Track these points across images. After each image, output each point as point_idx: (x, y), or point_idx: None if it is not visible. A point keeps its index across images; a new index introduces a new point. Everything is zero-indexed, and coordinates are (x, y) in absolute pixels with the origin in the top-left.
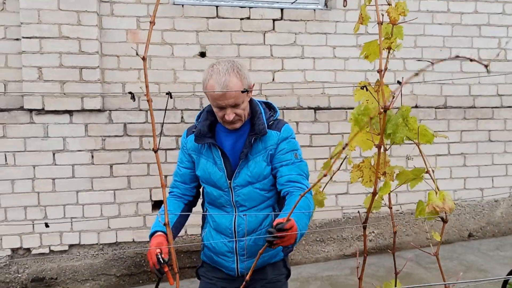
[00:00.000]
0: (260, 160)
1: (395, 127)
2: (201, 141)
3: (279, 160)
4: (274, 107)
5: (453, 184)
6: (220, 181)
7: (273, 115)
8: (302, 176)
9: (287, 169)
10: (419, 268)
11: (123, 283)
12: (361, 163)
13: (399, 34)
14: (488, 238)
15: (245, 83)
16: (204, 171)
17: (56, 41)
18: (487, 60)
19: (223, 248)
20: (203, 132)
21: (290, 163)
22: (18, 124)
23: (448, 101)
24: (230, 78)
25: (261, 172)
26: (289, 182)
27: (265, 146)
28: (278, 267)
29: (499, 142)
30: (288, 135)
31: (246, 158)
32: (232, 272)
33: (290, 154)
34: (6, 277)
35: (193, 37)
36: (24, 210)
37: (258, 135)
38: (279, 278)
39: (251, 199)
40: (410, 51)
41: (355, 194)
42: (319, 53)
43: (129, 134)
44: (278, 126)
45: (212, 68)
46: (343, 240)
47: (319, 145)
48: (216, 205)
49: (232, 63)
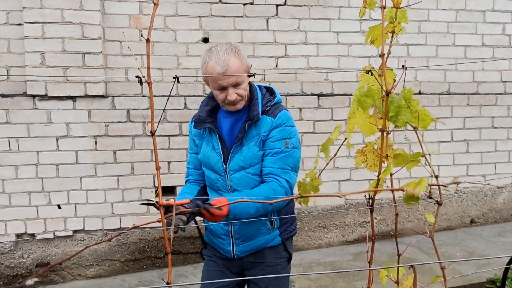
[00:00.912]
0: (253, 146)
1: (397, 109)
2: (200, 127)
3: (268, 147)
4: (274, 92)
5: (456, 171)
6: (217, 165)
7: (271, 100)
8: (285, 169)
9: (271, 161)
10: (421, 254)
11: (127, 268)
12: (364, 147)
13: (403, 18)
14: (490, 224)
15: (244, 63)
16: (204, 155)
17: (58, 26)
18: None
19: (220, 230)
20: (202, 118)
21: (278, 153)
22: (21, 110)
23: (452, 87)
24: (230, 57)
25: (254, 158)
26: (269, 174)
27: (258, 132)
28: (278, 251)
29: (503, 129)
30: (282, 123)
31: (240, 143)
32: (228, 254)
33: (280, 143)
34: (11, 262)
35: (196, 23)
36: (28, 195)
37: (252, 120)
38: (279, 261)
39: (244, 183)
40: (414, 36)
41: (358, 180)
42: (323, 39)
43: (132, 120)
44: (275, 112)
45: (210, 51)
46: (346, 226)
47: (322, 132)
48: (214, 188)
49: (230, 45)
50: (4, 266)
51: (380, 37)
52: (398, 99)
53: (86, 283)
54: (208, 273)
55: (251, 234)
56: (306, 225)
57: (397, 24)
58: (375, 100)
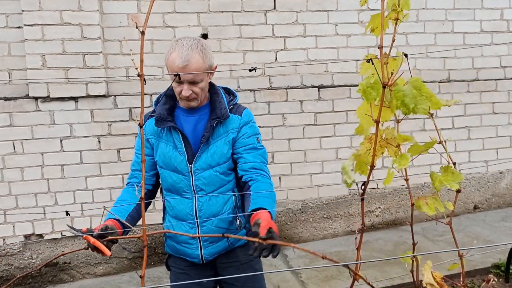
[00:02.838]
0: (221, 144)
1: (414, 100)
2: (161, 125)
3: (242, 144)
4: (233, 92)
5: (458, 157)
6: (181, 165)
7: (233, 100)
8: (265, 163)
9: (252, 156)
10: (426, 241)
11: (135, 265)
12: (372, 134)
13: (405, 5)
14: (493, 210)
15: (206, 62)
16: (164, 155)
17: (58, 28)
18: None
19: (185, 236)
20: (163, 116)
21: (254, 148)
22: (24, 112)
23: (452, 74)
24: (193, 53)
25: (222, 156)
26: (253, 169)
27: (226, 130)
28: (249, 248)
29: (503, 114)
30: (250, 120)
31: (207, 142)
32: (196, 260)
33: (252, 138)
34: (21, 262)
35: (194, 19)
36: (35, 197)
37: (220, 119)
38: (250, 258)
39: (211, 183)
40: (412, 25)
41: None
42: (321, 31)
43: (134, 118)
44: (239, 110)
45: (176, 42)
46: (350, 216)
47: (323, 123)
48: (175, 191)
49: (197, 41)
50: (14, 267)
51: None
52: (410, 90)
53: (95, 281)
54: (182, 284)
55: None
56: (311, 216)
57: (400, 11)
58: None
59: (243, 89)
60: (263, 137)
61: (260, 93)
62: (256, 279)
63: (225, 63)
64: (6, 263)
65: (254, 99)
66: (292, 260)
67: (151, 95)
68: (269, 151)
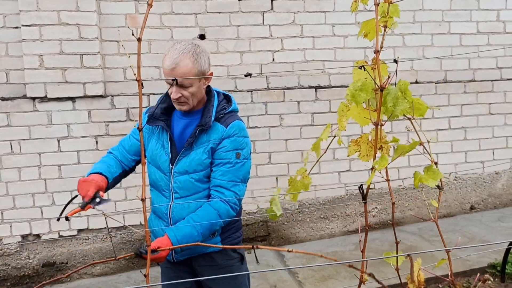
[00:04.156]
0: (201, 152)
1: (395, 100)
2: (152, 123)
3: (219, 157)
4: (231, 100)
5: (454, 158)
6: (164, 165)
7: (226, 108)
8: (235, 182)
9: (221, 173)
10: (423, 242)
11: (132, 265)
12: (359, 138)
13: (395, 12)
14: (489, 210)
15: (197, 67)
16: (152, 152)
17: (55, 28)
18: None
19: (160, 233)
20: (156, 115)
21: (228, 164)
22: (22, 113)
23: (448, 75)
24: (183, 58)
25: (199, 164)
26: (218, 187)
27: (208, 138)
28: (226, 253)
29: (499, 115)
30: (234, 133)
31: (190, 147)
32: (169, 258)
33: (231, 153)
34: (18, 262)
35: (192, 20)
36: (32, 197)
37: (203, 126)
38: (230, 263)
39: (186, 188)
40: (409, 26)
41: (358, 171)
42: (318, 32)
43: (132, 119)
44: (228, 121)
45: (173, 45)
46: (347, 216)
47: (320, 124)
48: (156, 187)
49: (193, 46)
50: (11, 267)
51: (373, 30)
52: (395, 91)
53: (92, 281)
54: (168, 279)
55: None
56: (308, 217)
57: (388, 19)
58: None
59: (240, 90)
60: (260, 138)
61: (257, 94)
62: (236, 284)
63: (222, 64)
64: (3, 263)
65: (251, 100)
66: (289, 260)
67: (148, 95)
68: (266, 151)
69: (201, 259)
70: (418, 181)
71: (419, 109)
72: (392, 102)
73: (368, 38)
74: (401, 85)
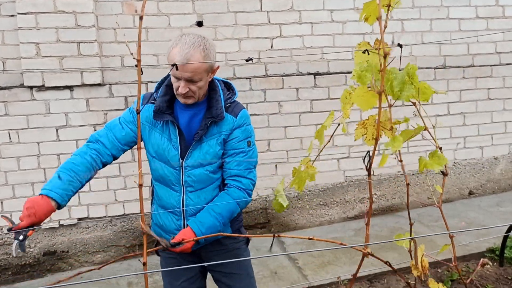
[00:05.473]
0: (214, 144)
1: (401, 85)
2: (159, 118)
3: (232, 148)
4: (233, 88)
5: (453, 144)
6: (174, 160)
7: (231, 97)
8: (250, 169)
9: (237, 163)
10: (422, 227)
11: (133, 253)
12: (366, 120)
13: None
14: (488, 195)
15: (208, 62)
16: (158, 146)
17: (52, 16)
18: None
19: (172, 226)
20: (162, 109)
21: (242, 153)
22: (19, 102)
23: (447, 60)
24: (194, 52)
25: (214, 156)
26: (234, 176)
27: (219, 130)
28: (234, 238)
29: (498, 100)
30: (244, 122)
31: (200, 140)
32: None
33: (243, 143)
34: (19, 252)
35: (189, 7)
36: (32, 186)
37: (215, 119)
38: (236, 245)
39: (201, 181)
40: (408, 11)
41: (357, 157)
42: (317, 18)
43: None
44: (235, 110)
45: (180, 38)
46: (346, 203)
47: (319, 111)
48: (164, 182)
49: (201, 39)
50: (11, 256)
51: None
52: (402, 75)
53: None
54: (172, 270)
55: None
56: (307, 204)
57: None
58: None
59: (239, 77)
60: (259, 125)
61: (256, 81)
62: (243, 266)
63: (220, 51)
64: (4, 252)
65: (250, 87)
66: (289, 247)
67: (146, 83)
68: (265, 138)
69: (210, 246)
70: (423, 167)
71: (425, 93)
72: (398, 86)
73: (368, 22)
74: (409, 69)
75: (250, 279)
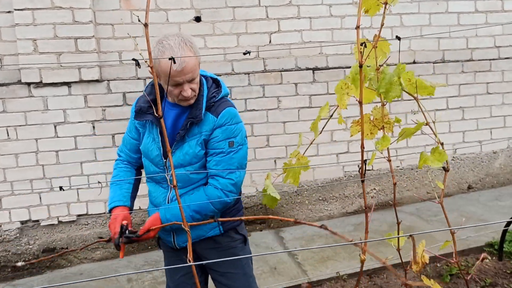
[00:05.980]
0: (194, 144)
1: (388, 86)
2: (141, 118)
3: (212, 147)
4: (221, 85)
5: (452, 138)
6: (157, 159)
7: (216, 95)
8: (230, 170)
9: (215, 163)
10: (421, 221)
11: (133, 249)
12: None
13: None
14: (487, 189)
15: (198, 57)
16: (144, 146)
17: (49, 12)
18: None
19: None
20: (143, 109)
21: (222, 154)
22: (17, 98)
23: (446, 55)
24: (185, 52)
25: (194, 156)
26: (214, 176)
27: (200, 130)
28: (229, 235)
29: (497, 94)
30: (225, 122)
31: (182, 140)
32: (171, 245)
33: (223, 143)
34: (18, 248)
35: (187, 2)
36: (30, 183)
37: (194, 119)
38: (233, 244)
39: (181, 180)
40: (407, 6)
41: (356, 152)
42: (316, 12)
43: (128, 103)
44: (218, 110)
45: (162, 44)
46: (345, 198)
47: (318, 106)
48: (153, 179)
49: (182, 37)
50: (11, 253)
51: (374, 6)
52: (391, 75)
53: (93, 265)
54: (170, 263)
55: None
56: (307, 199)
57: None
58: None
59: (237, 72)
60: (258, 121)
61: (254, 76)
62: (240, 265)
63: (218, 46)
64: (3, 249)
65: (249, 82)
66: (289, 242)
67: (144, 79)
68: (264, 134)
69: (204, 243)
70: (423, 162)
71: (426, 88)
72: (384, 88)
73: (369, 14)
74: (399, 69)
75: (247, 278)
